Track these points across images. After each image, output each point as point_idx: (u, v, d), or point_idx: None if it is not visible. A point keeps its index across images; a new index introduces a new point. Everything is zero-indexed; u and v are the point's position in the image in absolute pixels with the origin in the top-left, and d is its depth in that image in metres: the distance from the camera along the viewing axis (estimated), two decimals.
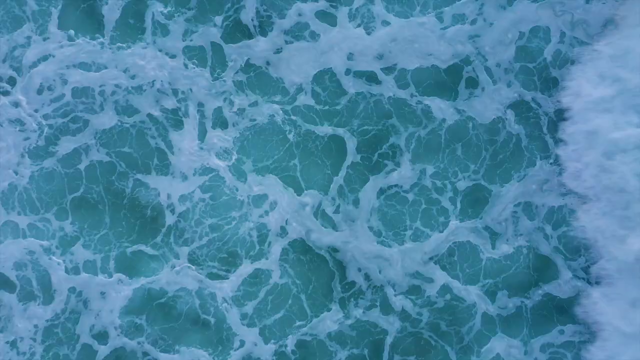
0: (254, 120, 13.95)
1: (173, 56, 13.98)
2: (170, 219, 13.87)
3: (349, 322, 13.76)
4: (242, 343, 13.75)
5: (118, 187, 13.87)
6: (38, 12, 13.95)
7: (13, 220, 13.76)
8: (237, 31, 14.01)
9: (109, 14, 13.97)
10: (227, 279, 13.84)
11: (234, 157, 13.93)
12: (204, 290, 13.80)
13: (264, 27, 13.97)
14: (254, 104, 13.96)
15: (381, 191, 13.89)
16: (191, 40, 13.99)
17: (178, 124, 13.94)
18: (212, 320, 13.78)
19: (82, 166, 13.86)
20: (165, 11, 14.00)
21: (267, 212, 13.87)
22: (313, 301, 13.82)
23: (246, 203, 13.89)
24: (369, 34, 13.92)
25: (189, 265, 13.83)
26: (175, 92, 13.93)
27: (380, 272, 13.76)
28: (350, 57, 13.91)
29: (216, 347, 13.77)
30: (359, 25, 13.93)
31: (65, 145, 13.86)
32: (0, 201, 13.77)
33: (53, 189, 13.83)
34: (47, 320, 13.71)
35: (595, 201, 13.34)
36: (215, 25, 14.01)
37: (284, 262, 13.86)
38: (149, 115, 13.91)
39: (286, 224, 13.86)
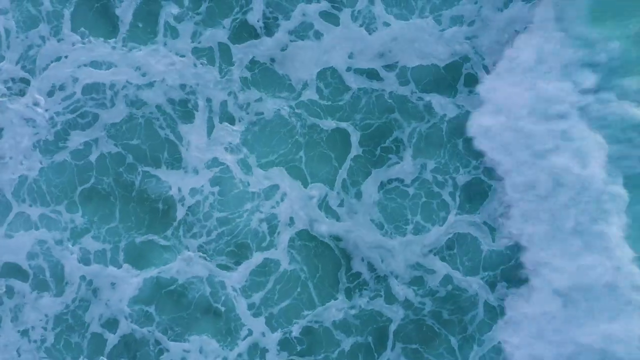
0: (261, 114, 14.24)
1: (182, 56, 14.31)
2: (180, 213, 14.10)
3: (354, 311, 13.91)
4: (250, 332, 13.92)
5: (127, 180, 14.13)
6: (52, 13, 14.30)
7: (25, 211, 14.01)
8: (244, 32, 14.33)
9: (122, 16, 14.33)
10: (236, 270, 14.04)
11: (242, 150, 14.19)
12: (214, 278, 13.99)
13: (269, 28, 14.29)
14: (260, 99, 14.25)
15: (382, 185, 14.07)
16: (199, 42, 14.33)
17: (187, 119, 14.22)
18: (221, 310, 13.96)
19: (92, 157, 14.13)
20: (176, 13, 14.36)
21: (278, 203, 14.10)
22: (319, 291, 13.99)
23: (255, 195, 14.12)
24: (370, 33, 14.21)
25: (200, 253, 14.03)
26: (183, 87, 14.24)
27: (382, 261, 13.93)
28: (352, 55, 14.22)
29: (225, 337, 13.93)
30: (361, 26, 14.22)
31: (76, 139, 14.15)
32: (12, 194, 14.04)
33: (64, 182, 14.10)
34: (58, 309, 13.88)
35: (514, 209, 13.51)
36: (223, 27, 14.35)
37: (292, 250, 14.06)
38: (158, 107, 14.20)
39: (294, 214, 14.07)
